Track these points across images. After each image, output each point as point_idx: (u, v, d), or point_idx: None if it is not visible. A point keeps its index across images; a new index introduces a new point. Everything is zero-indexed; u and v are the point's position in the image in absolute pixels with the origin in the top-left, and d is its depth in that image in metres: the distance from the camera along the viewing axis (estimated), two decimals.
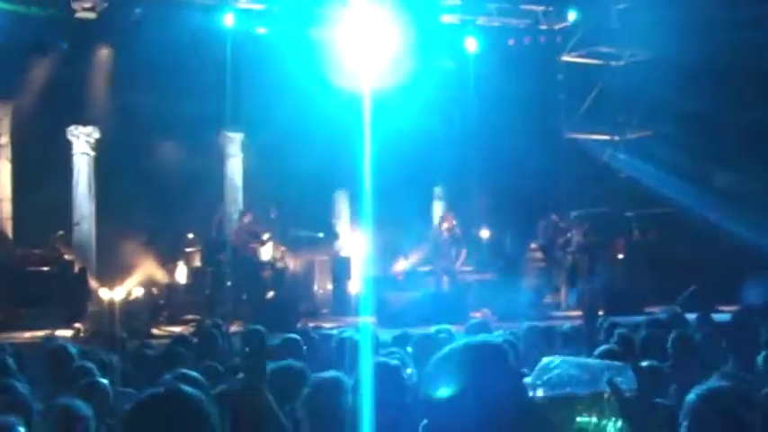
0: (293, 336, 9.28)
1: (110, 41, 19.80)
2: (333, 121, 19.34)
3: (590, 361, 3.75)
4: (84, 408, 5.62)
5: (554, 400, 3.42)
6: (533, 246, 21.68)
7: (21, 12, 18.55)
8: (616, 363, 3.59)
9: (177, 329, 16.14)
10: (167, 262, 20.14)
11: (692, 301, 16.46)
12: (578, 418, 3.45)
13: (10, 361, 7.66)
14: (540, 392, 3.56)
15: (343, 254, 21.91)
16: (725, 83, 19.82)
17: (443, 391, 2.92)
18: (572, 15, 23.10)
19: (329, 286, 21.19)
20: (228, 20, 19.81)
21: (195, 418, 3.05)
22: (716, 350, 8.67)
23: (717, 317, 12.46)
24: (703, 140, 21.03)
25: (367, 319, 17.82)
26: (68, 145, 19.81)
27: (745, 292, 17.24)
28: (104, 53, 19.85)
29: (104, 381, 6.87)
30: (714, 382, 4.21)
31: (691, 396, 3.91)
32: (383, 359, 5.68)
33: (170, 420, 3.04)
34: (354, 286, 21.22)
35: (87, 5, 19.51)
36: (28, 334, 15.46)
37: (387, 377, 5.14)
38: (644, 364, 7.17)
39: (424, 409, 3.03)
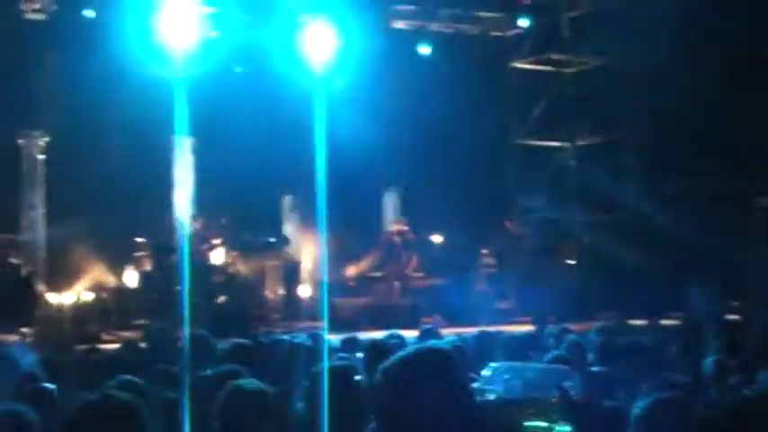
0: (243, 341, 9.24)
1: (59, 44, 19.62)
2: (283, 125, 19.27)
3: (539, 366, 3.76)
4: (30, 413, 5.56)
5: (504, 405, 3.43)
6: (485, 251, 21.75)
7: None
8: (565, 368, 3.60)
9: (126, 334, 16.04)
10: (117, 266, 20.01)
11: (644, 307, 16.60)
12: (527, 422, 3.46)
13: None
14: (490, 397, 3.57)
15: (293, 259, 21.87)
16: (675, 89, 19.98)
17: (393, 397, 2.92)
18: (524, 23, 23.22)
19: (280, 291, 21.14)
20: (180, 22, 19.65)
21: (128, 425, 3.08)
22: (665, 356, 8.74)
23: (665, 323, 12.58)
24: (653, 147, 21.21)
25: (318, 324, 17.81)
26: (17, 149, 19.64)
27: (693, 298, 17.38)
28: (54, 56, 19.67)
29: (51, 386, 6.80)
30: (659, 392, 4.25)
31: (636, 409, 3.94)
32: (335, 363, 5.68)
33: (104, 427, 3.07)
34: (305, 291, 21.19)
35: (36, 7, 19.34)
36: None
37: (339, 382, 5.14)
38: (593, 369, 7.23)
39: (374, 414, 3.02)
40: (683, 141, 20.17)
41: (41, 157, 19.74)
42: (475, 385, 3.19)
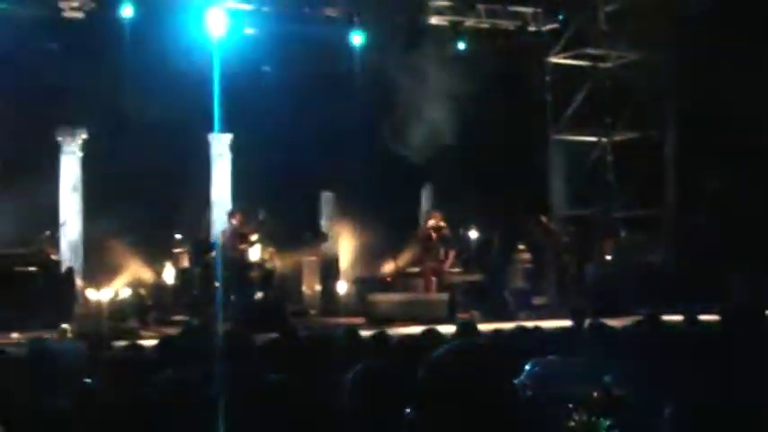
0: (280, 337, 9.26)
1: (97, 42, 19.72)
2: (321, 122, 19.31)
3: (578, 361, 3.75)
4: (70, 408, 5.61)
5: (543, 400, 3.42)
6: (521, 247, 21.68)
7: (7, 11, 18.48)
8: (603, 363, 3.59)
9: (165, 330, 16.10)
10: (155, 263, 20.11)
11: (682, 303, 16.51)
12: (568, 416, 3.45)
13: None
14: (529, 392, 3.56)
15: (331, 255, 21.89)
16: (713, 84, 19.84)
17: (436, 392, 2.92)
18: (560, 17, 23.14)
19: (317, 287, 21.17)
20: (216, 20, 19.72)
21: (159, 423, 3.12)
22: (702, 351, 8.68)
23: (703, 318, 12.49)
24: (691, 142, 21.07)
25: (355, 320, 17.85)
26: (56, 145, 19.79)
27: (729, 292, 17.26)
28: (92, 53, 19.77)
29: (89, 381, 6.85)
30: (695, 388, 4.22)
31: (671, 406, 3.92)
32: (372, 359, 5.67)
33: (139, 424, 3.11)
34: (342, 287, 21.21)
35: (74, 5, 19.45)
36: (14, 335, 15.40)
37: (375, 378, 5.13)
38: (630, 364, 7.20)
39: (414, 409, 3.03)
40: (721, 137, 20.03)
41: (80, 153, 19.90)
42: (514, 381, 3.19)
